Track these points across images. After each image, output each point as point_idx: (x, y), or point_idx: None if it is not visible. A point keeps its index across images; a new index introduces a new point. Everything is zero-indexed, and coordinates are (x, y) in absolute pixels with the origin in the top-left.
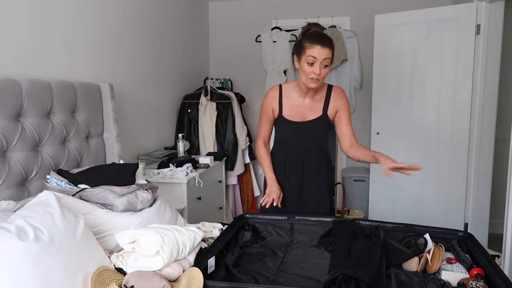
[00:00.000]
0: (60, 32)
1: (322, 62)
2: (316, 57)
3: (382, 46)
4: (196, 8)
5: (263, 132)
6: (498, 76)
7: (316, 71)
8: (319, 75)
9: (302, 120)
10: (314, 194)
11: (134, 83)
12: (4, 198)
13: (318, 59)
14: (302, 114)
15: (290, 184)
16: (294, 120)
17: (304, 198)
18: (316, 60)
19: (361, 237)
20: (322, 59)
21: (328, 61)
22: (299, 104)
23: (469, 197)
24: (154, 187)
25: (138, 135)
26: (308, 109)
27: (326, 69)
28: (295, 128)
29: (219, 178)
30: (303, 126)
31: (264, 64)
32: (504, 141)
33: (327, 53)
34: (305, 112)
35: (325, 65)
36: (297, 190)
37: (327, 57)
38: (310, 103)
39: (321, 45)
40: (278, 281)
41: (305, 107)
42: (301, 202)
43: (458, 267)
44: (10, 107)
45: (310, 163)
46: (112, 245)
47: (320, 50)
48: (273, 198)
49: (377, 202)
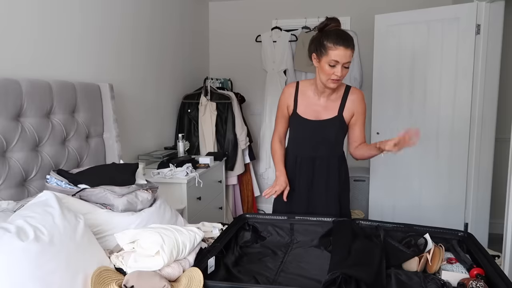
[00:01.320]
0: (60, 32)
1: (344, 63)
2: (339, 60)
3: (382, 46)
4: (196, 8)
5: (279, 128)
6: (498, 76)
7: (338, 73)
8: (340, 77)
9: (316, 118)
10: (324, 196)
11: (134, 83)
12: (4, 198)
13: (341, 62)
14: (317, 113)
15: (300, 185)
16: (307, 118)
17: (313, 200)
18: (338, 62)
19: (361, 237)
20: (344, 62)
21: (349, 63)
22: (314, 103)
23: (469, 197)
24: (154, 187)
25: (138, 135)
26: (323, 108)
27: (347, 70)
28: (308, 126)
29: (219, 178)
30: (316, 125)
31: (264, 64)
32: (504, 141)
33: (350, 54)
34: (319, 111)
35: (346, 67)
36: (306, 191)
37: (349, 59)
38: (325, 102)
39: (344, 46)
40: (278, 281)
41: (320, 106)
42: (311, 205)
43: (458, 267)
44: (10, 107)
45: (321, 164)
46: (112, 245)
47: (344, 51)
48: (275, 190)
49: (377, 202)
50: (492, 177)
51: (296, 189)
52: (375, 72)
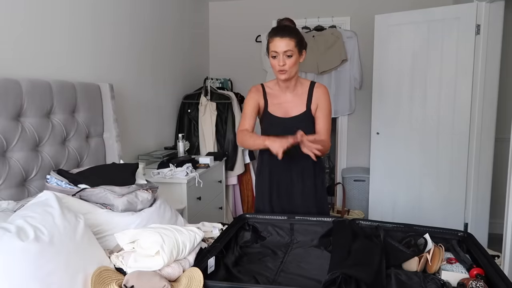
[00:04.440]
0: (61, 32)
1: (284, 53)
2: (277, 50)
3: (382, 46)
4: (196, 8)
5: (246, 124)
6: (498, 76)
7: (280, 63)
8: (283, 66)
9: (286, 116)
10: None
11: (134, 83)
12: (4, 198)
13: (279, 51)
14: (286, 109)
15: (280, 184)
16: (278, 115)
17: (293, 198)
18: (277, 52)
19: (361, 237)
20: (283, 51)
21: (290, 52)
22: (283, 100)
23: (469, 197)
24: (154, 187)
25: (138, 135)
26: (291, 104)
27: (291, 59)
28: (279, 124)
29: (219, 178)
30: (286, 122)
31: (264, 64)
32: (504, 141)
33: (287, 43)
34: (288, 107)
35: (289, 55)
36: (286, 190)
37: (288, 47)
38: (292, 98)
39: (279, 37)
40: (278, 281)
41: (288, 102)
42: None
43: (458, 267)
44: (10, 107)
45: (297, 162)
46: (112, 245)
47: (280, 41)
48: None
49: (377, 202)
50: (492, 177)
51: (275, 186)
52: (375, 72)
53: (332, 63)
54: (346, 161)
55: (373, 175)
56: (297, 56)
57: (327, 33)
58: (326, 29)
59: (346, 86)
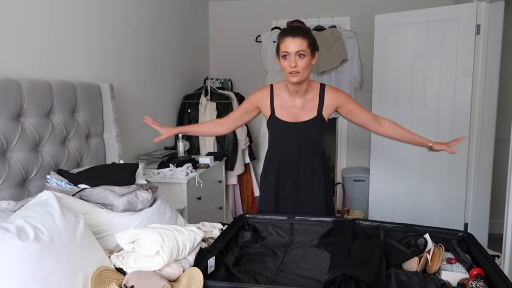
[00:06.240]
0: (61, 32)
1: (296, 53)
2: (288, 50)
3: (382, 46)
4: (196, 8)
5: (233, 114)
6: (498, 76)
7: (292, 64)
8: (295, 67)
9: (295, 121)
10: (310, 198)
11: (134, 83)
12: (4, 198)
13: (291, 52)
14: (295, 115)
15: (286, 188)
16: (286, 120)
17: (300, 202)
18: (289, 53)
19: (361, 237)
20: (295, 51)
21: (303, 52)
22: (291, 105)
23: (469, 197)
24: (154, 187)
25: (138, 135)
26: (300, 110)
27: (303, 60)
28: (288, 129)
29: (219, 178)
30: (296, 128)
31: (264, 64)
32: (504, 141)
33: (299, 43)
34: (297, 113)
35: (301, 55)
36: (292, 193)
37: (300, 48)
38: (302, 103)
39: (291, 36)
40: (278, 281)
41: (296, 108)
42: (298, 206)
43: (458, 267)
44: (10, 107)
45: (306, 166)
46: (112, 245)
47: (291, 41)
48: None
49: (377, 202)
50: (492, 177)
51: (282, 190)
52: (375, 72)
53: (332, 63)
54: (346, 161)
55: (373, 175)
56: (310, 57)
57: (327, 33)
58: (326, 29)
59: (346, 86)
